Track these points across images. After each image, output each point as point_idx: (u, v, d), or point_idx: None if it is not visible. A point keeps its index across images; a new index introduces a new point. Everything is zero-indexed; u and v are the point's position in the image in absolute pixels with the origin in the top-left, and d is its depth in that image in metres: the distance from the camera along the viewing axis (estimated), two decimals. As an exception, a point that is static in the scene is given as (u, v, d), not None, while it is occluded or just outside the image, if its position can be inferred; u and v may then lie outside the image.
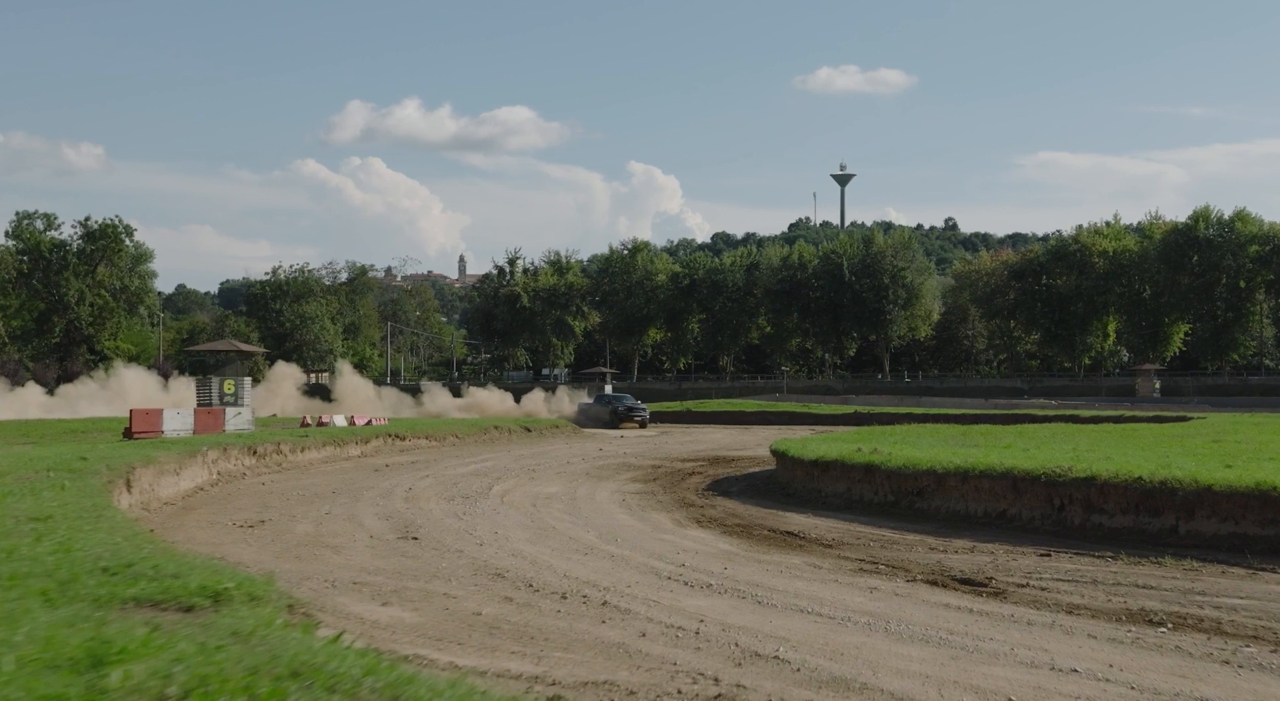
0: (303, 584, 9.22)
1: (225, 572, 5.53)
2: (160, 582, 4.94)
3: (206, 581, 5.03)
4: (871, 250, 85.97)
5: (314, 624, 5.05)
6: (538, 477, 21.59)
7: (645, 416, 51.11)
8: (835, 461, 17.58)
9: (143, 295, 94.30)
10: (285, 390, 65.03)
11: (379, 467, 23.69)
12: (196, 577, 5.11)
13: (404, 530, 13.25)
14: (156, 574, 5.15)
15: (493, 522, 14.22)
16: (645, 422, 50.60)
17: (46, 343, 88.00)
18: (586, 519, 15.04)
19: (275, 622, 4.27)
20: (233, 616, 4.33)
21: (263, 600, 4.91)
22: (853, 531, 14.03)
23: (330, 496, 17.53)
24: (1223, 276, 74.58)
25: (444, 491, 18.45)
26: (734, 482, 21.18)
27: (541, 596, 8.79)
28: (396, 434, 30.01)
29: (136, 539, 6.94)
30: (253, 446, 22.37)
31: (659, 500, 17.80)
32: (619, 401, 53.54)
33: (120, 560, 5.50)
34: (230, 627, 4.01)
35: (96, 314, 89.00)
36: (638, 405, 52.57)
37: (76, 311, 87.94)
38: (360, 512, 15.14)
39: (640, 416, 50.76)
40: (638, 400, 55.16)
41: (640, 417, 50.67)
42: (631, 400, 54.25)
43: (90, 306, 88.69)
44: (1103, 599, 9.05)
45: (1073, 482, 13.50)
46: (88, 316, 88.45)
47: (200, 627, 4.05)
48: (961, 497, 15.08)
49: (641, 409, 51.88)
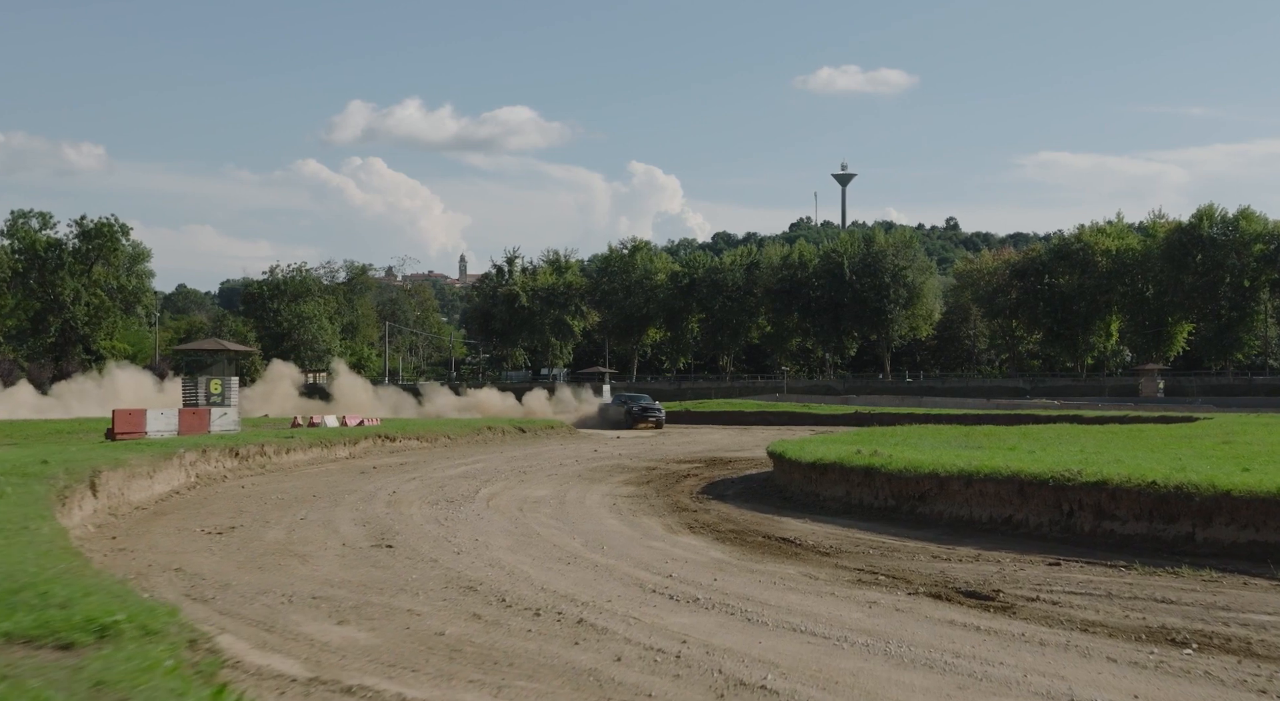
0: (257, 599, 8.57)
1: (123, 600, 4.86)
2: (42, 614, 4.29)
3: (95, 612, 4.38)
4: (872, 249, 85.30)
5: (214, 666, 4.39)
6: (528, 480, 20.95)
7: (660, 417, 49.85)
8: (834, 464, 16.92)
9: (140, 295, 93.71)
10: (283, 390, 64.38)
11: (366, 470, 23.04)
12: (86, 607, 4.46)
13: (380, 537, 12.61)
14: (43, 602, 4.50)
15: (475, 529, 13.57)
16: (661, 423, 49.34)
17: (42, 342, 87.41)
18: (573, 524, 14.40)
19: (160, 666, 3.64)
20: (111, 657, 3.70)
21: (157, 635, 4.26)
22: (851, 538, 13.38)
23: (310, 500, 16.88)
24: (1227, 275, 73.91)
25: (429, 495, 17.80)
26: (730, 485, 20.53)
27: (513, 613, 8.12)
28: (386, 435, 29.35)
29: (49, 557, 6.28)
30: (235, 448, 21.72)
31: (651, 504, 17.15)
32: (634, 401, 52.14)
33: (10, 585, 4.85)
34: (97, 675, 3.38)
35: (92, 313, 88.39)
36: (653, 405, 51.19)
37: (72, 311, 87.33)
38: (337, 518, 14.49)
39: (655, 417, 49.50)
40: (654, 400, 53.66)
41: (655, 418, 49.39)
42: (647, 400, 52.78)
43: (86, 306, 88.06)
44: (1120, 615, 8.39)
45: (1083, 487, 12.84)
46: (83, 316, 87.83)
47: (65, 673, 3.41)
48: (965, 502, 14.42)
49: (656, 409, 50.57)
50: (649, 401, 52.28)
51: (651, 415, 49.45)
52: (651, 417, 49.28)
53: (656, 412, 49.94)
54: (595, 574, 10.23)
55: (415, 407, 59.31)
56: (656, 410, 50.33)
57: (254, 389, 64.17)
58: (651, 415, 49.45)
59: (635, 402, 51.46)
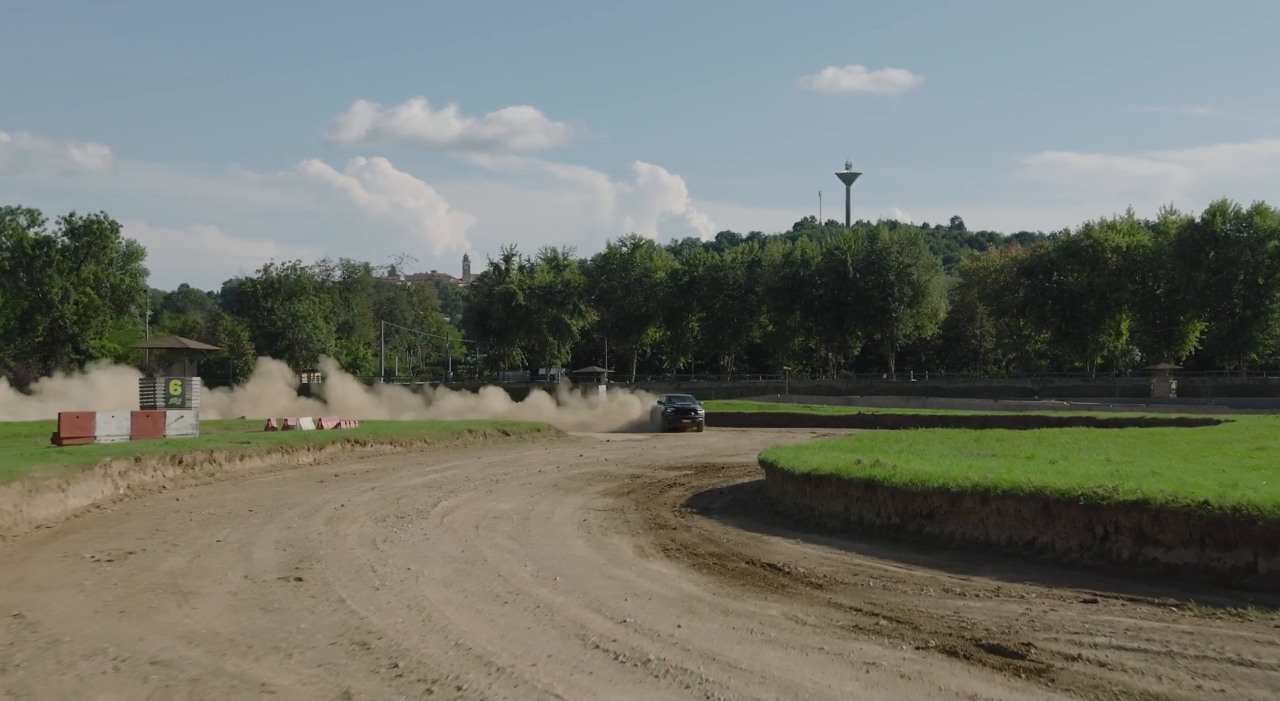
0: (78, 664, 6.69)
1: None
2: None
3: None
4: (876, 246, 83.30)
5: None
6: (497, 491, 19.10)
7: (699, 418, 46.32)
8: (830, 475, 15.04)
9: (134, 294, 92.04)
10: (273, 390, 62.40)
11: (326, 478, 21.19)
12: None
13: (294, 566, 10.76)
14: None
15: (412, 554, 11.73)
16: (701, 425, 46.02)
17: (30, 342, 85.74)
18: (531, 546, 12.56)
19: None
20: None
21: None
22: (848, 564, 11.54)
23: (244, 516, 15.04)
24: (1240, 272, 71.78)
25: (379, 509, 15.95)
26: (718, 497, 18.67)
27: (400, 686, 6.26)
28: (357, 439, 27.46)
29: None
30: (179, 455, 19.86)
31: (626, 519, 15.31)
32: (670, 403, 48.61)
33: None
34: None
35: (81, 312, 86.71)
36: (688, 406, 47.48)
37: (61, 310, 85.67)
38: (259, 539, 12.64)
39: (692, 419, 45.97)
40: (692, 399, 50.09)
41: (691, 420, 45.90)
42: (684, 400, 49.13)
43: (75, 305, 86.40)
44: (1189, 684, 6.52)
45: (1120, 507, 10.95)
46: (72, 315, 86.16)
47: None
48: (981, 522, 12.54)
49: (693, 410, 46.98)
50: (688, 401, 48.69)
51: (686, 418, 46.00)
52: (686, 420, 45.90)
53: (692, 414, 46.46)
54: (533, 619, 8.37)
55: (416, 409, 57.03)
56: (694, 411, 46.84)
57: (245, 390, 62.43)
58: (686, 418, 46.00)
59: (670, 404, 48.25)
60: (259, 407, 54.62)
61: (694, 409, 47.05)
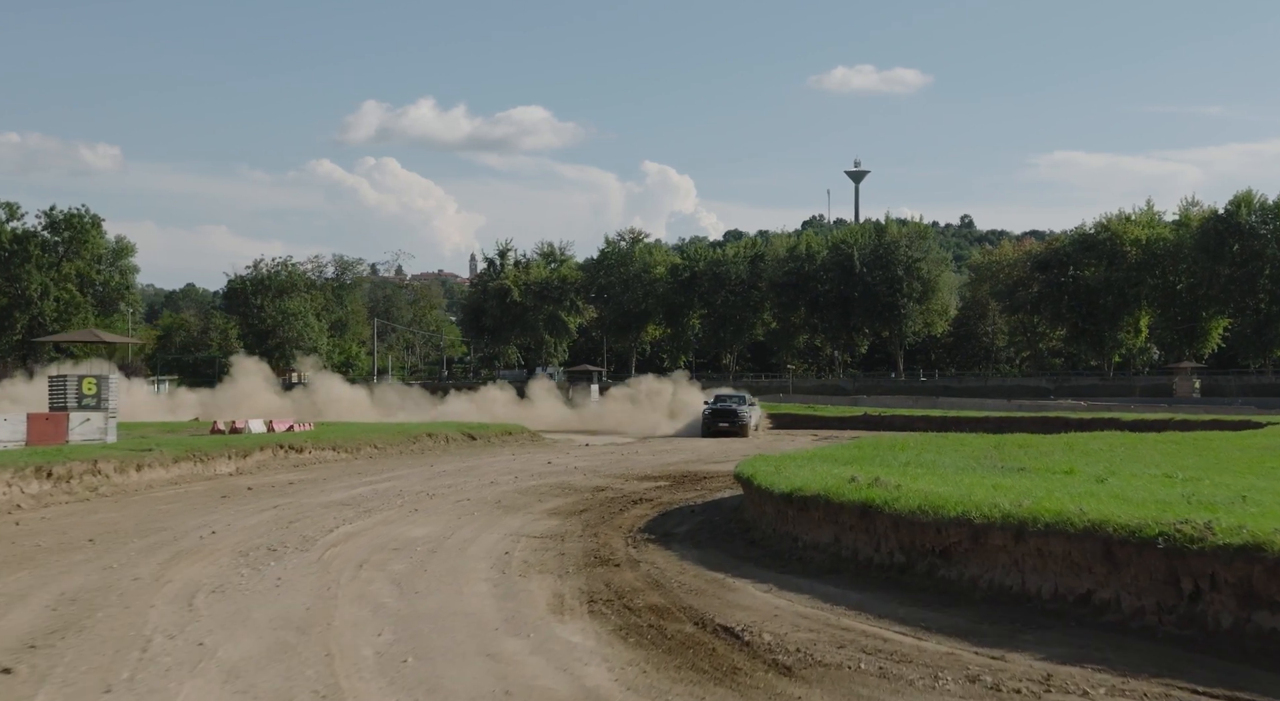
0: None
1: None
2: None
3: None
4: (884, 240, 79.91)
5: None
6: (423, 510, 15.92)
7: (742, 420, 39.70)
8: (817, 497, 11.77)
9: (122, 291, 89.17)
10: (251, 388, 59.19)
11: (231, 492, 18.01)
12: None
13: (33, 642, 7.56)
14: None
15: (233, 615, 8.55)
16: (745, 430, 39.30)
17: (8, 339, 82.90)
18: (413, 598, 9.40)
19: None
20: None
21: None
22: (833, 628, 8.36)
23: (73, 549, 11.88)
24: (1266, 266, 68.17)
25: (257, 538, 12.78)
26: (687, 518, 15.46)
27: None
28: (292, 445, 24.22)
29: None
30: (47, 466, 16.69)
31: (561, 551, 12.12)
32: (712, 403, 41.86)
33: None
34: None
35: (62, 309, 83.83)
36: (727, 407, 40.59)
37: (40, 306, 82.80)
38: (39, 591, 9.45)
39: (731, 423, 39.33)
40: (740, 399, 42.84)
41: (731, 424, 39.29)
42: (727, 400, 41.99)
43: (55, 301, 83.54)
44: None
45: (1218, 554, 7.71)
46: (52, 312, 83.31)
47: None
48: (1015, 566, 9.29)
49: (733, 412, 40.05)
50: (729, 402, 41.58)
51: (724, 422, 39.35)
52: (727, 423, 39.31)
53: (732, 417, 39.70)
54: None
55: (418, 409, 53.54)
56: (733, 413, 39.98)
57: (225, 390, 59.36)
58: (724, 422, 39.35)
59: (710, 405, 41.61)
60: (239, 408, 51.48)
61: (734, 410, 40.21)
